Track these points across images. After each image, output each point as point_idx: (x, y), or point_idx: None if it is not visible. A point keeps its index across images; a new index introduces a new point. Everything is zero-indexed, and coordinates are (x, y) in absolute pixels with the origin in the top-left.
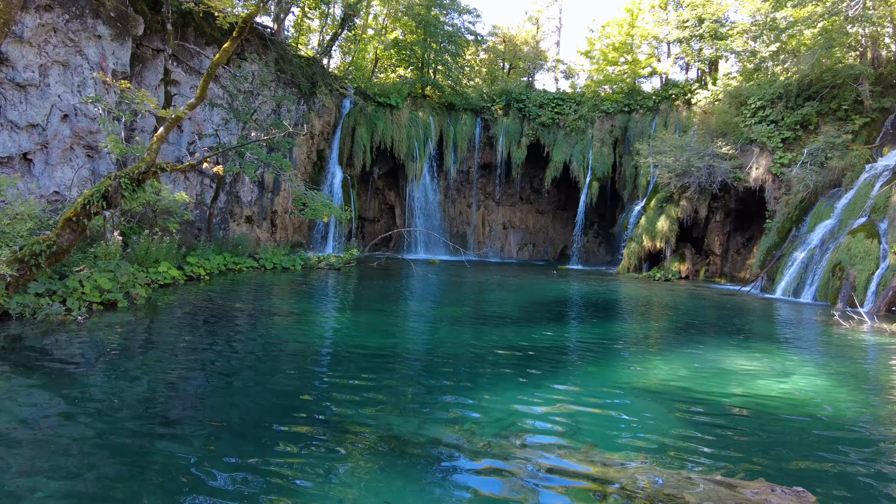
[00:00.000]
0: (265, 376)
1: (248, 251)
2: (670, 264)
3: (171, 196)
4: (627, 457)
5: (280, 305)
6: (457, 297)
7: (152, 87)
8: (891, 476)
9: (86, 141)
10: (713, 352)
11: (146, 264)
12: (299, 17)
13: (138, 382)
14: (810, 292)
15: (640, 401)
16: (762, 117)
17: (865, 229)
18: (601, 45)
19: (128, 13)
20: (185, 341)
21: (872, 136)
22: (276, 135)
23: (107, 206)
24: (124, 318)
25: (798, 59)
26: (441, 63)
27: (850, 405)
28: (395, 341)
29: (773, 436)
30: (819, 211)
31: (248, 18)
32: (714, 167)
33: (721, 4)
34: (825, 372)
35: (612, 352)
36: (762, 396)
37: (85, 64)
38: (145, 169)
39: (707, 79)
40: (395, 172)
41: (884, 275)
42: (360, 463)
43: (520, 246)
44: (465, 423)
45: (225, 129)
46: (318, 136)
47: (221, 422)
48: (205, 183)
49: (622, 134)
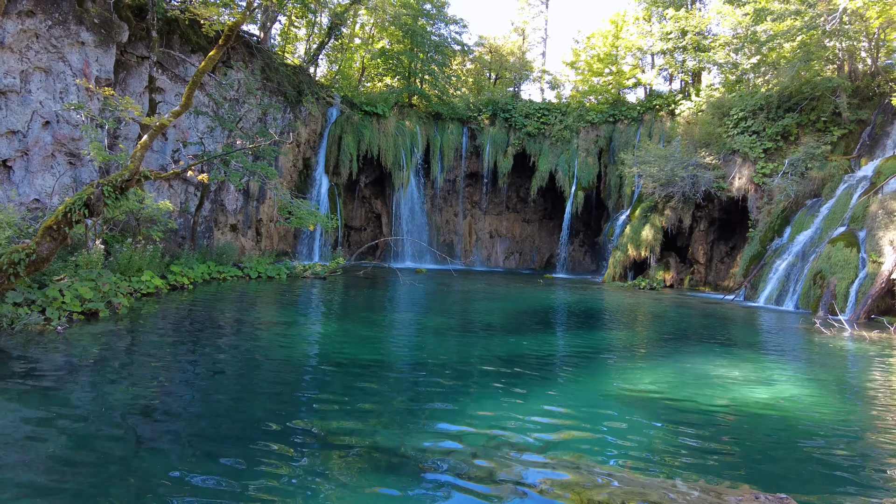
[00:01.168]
0: (248, 387)
1: (232, 260)
2: (655, 273)
3: (154, 204)
4: (614, 466)
5: (264, 315)
6: (443, 306)
7: (136, 94)
8: (872, 482)
9: (68, 148)
10: (698, 360)
11: (129, 273)
12: (286, 26)
13: (118, 393)
14: (793, 300)
15: (626, 409)
16: (744, 128)
17: (845, 238)
18: (586, 56)
19: (112, 20)
20: (168, 351)
21: (850, 147)
22: (261, 143)
23: (89, 214)
24: (106, 327)
25: (778, 71)
26: (428, 72)
27: (832, 412)
28: (380, 352)
29: (757, 443)
30: (800, 220)
31: (234, 26)
32: (698, 177)
33: (703, 17)
34: (807, 379)
35: (599, 361)
36: (746, 404)
37: (68, 70)
38: (128, 177)
39: (690, 90)
40: (381, 181)
41: (863, 283)
42: (345, 475)
43: (506, 255)
44: (452, 433)
45: (210, 137)
46: (304, 144)
47: (203, 434)
48: (189, 191)
49: (607, 144)
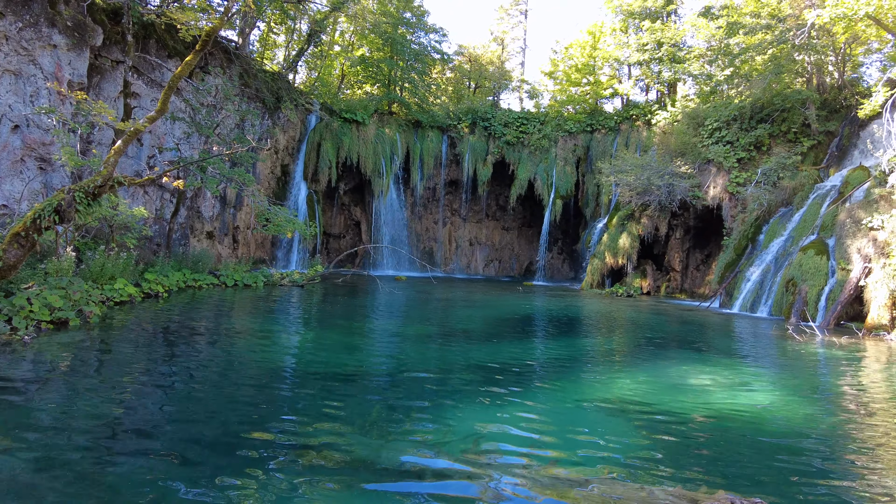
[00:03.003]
0: (223, 397)
1: (208, 267)
2: (632, 280)
3: (129, 211)
4: (592, 472)
5: (240, 323)
6: (423, 313)
7: (111, 99)
8: (844, 484)
9: (38, 153)
10: (674, 367)
11: (101, 281)
12: (265, 32)
13: (89, 404)
14: (766, 307)
15: (603, 416)
16: (719, 138)
17: (815, 246)
18: (564, 66)
19: (86, 23)
20: (141, 361)
21: (819, 157)
22: (238, 149)
23: (59, 221)
24: (76, 336)
25: (751, 83)
26: (408, 80)
27: (805, 417)
28: (359, 360)
29: (732, 448)
30: (773, 228)
31: (211, 32)
32: (673, 186)
33: (679, 30)
34: (781, 385)
35: (577, 368)
36: (722, 410)
37: (39, 73)
38: (101, 182)
39: (666, 100)
40: (361, 188)
41: (832, 290)
42: (323, 484)
43: (486, 262)
44: (430, 442)
45: (187, 143)
46: (282, 151)
47: (177, 446)
48: (165, 197)
49: (585, 153)
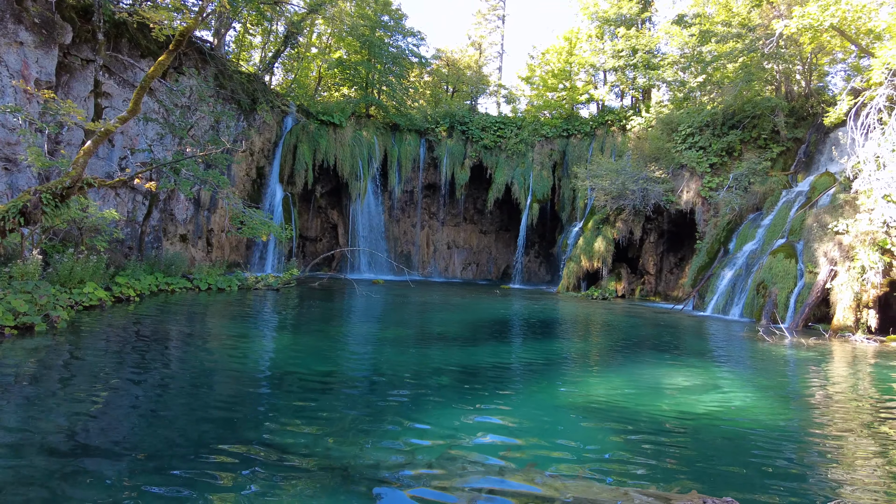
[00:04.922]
0: (197, 404)
1: (181, 271)
2: (607, 283)
3: (99, 213)
4: (568, 474)
5: (214, 328)
6: (400, 317)
7: (81, 98)
8: (814, 483)
9: (3, 153)
10: (649, 369)
11: (70, 285)
12: (241, 33)
13: (54, 412)
14: (738, 309)
15: (579, 418)
16: (692, 143)
17: (784, 250)
18: (541, 72)
19: (54, 20)
20: (111, 367)
21: (788, 163)
22: (213, 151)
23: (25, 223)
24: (42, 342)
25: (722, 90)
26: (385, 83)
27: (774, 417)
28: (335, 364)
29: (705, 448)
30: (744, 232)
31: (185, 32)
32: (648, 190)
33: (653, 37)
34: (751, 385)
35: (553, 370)
36: (695, 411)
37: (4, 71)
38: (70, 184)
39: (641, 106)
40: (338, 191)
41: (801, 292)
42: (300, 491)
43: (464, 265)
44: (407, 446)
45: (160, 145)
46: (258, 153)
47: (148, 454)
48: (137, 199)
49: (561, 157)
